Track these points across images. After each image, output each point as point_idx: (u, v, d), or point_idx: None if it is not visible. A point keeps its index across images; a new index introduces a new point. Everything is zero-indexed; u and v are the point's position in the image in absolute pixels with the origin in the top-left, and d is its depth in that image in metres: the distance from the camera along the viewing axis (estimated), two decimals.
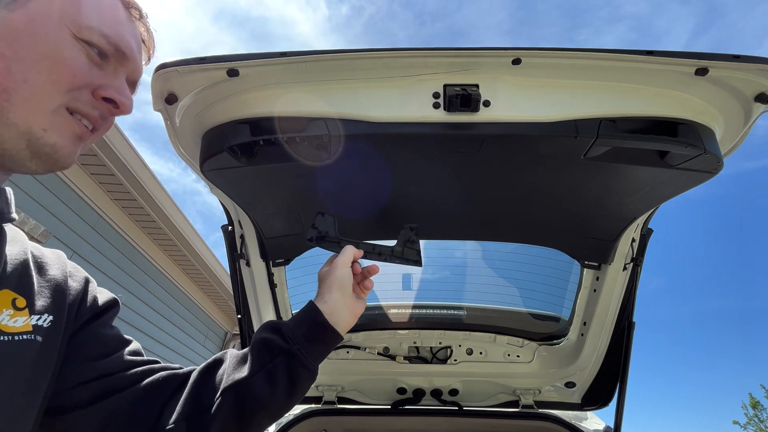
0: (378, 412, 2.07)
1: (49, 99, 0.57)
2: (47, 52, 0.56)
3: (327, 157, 1.09)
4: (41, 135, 0.56)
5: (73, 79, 0.58)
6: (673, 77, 0.98)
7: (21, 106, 0.54)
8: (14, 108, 0.54)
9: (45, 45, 0.56)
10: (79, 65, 0.59)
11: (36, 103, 0.55)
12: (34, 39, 0.55)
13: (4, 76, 0.53)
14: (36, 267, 0.70)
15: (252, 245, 1.58)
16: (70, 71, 0.58)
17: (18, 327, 0.62)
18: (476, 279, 1.93)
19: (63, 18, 0.57)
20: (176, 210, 6.09)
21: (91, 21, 0.60)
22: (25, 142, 0.56)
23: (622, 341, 1.71)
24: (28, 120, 0.55)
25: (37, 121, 0.56)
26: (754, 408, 15.34)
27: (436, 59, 0.98)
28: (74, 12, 0.58)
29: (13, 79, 0.53)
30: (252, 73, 0.98)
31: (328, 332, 0.86)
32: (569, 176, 1.21)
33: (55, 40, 0.56)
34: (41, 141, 0.57)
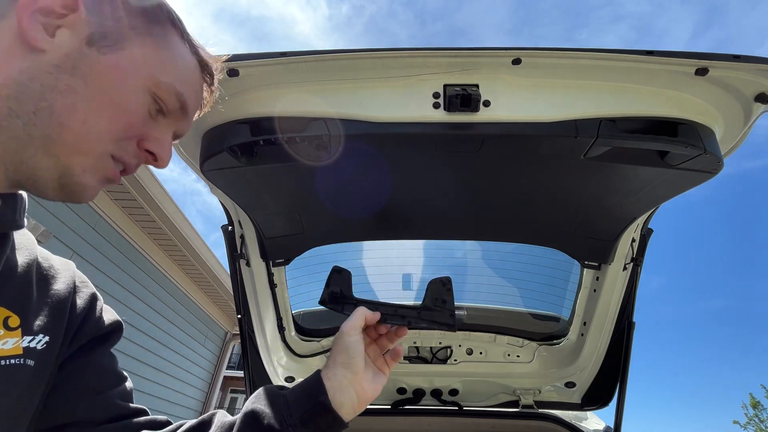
0: (378, 412, 2.07)
1: (98, 145, 0.56)
2: (115, 101, 0.56)
3: (327, 157, 1.09)
4: (77, 174, 0.56)
5: (127, 130, 0.58)
6: (673, 77, 0.98)
7: (70, 144, 0.54)
8: (62, 143, 0.54)
9: (117, 94, 0.56)
10: (139, 118, 0.59)
11: (84, 145, 0.55)
12: (110, 86, 0.55)
13: (66, 110, 0.53)
14: (39, 279, 0.66)
15: (252, 245, 1.58)
16: (128, 122, 0.58)
17: (7, 350, 0.57)
18: (476, 279, 1.93)
19: (145, 72, 0.58)
20: (176, 210, 6.09)
21: (169, 78, 0.60)
22: (58, 174, 0.55)
23: (622, 341, 1.71)
24: (70, 158, 0.55)
25: (79, 162, 0.55)
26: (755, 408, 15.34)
27: (436, 59, 0.98)
28: (157, 67, 0.59)
29: (73, 117, 0.53)
30: (252, 73, 0.98)
31: (328, 416, 0.69)
32: (569, 176, 1.21)
33: (128, 91, 0.57)
34: (74, 179, 0.56)
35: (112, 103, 0.56)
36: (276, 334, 1.88)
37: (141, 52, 0.58)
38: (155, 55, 0.59)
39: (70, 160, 0.54)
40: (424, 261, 1.88)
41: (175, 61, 0.62)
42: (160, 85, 0.59)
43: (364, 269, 1.86)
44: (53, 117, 0.52)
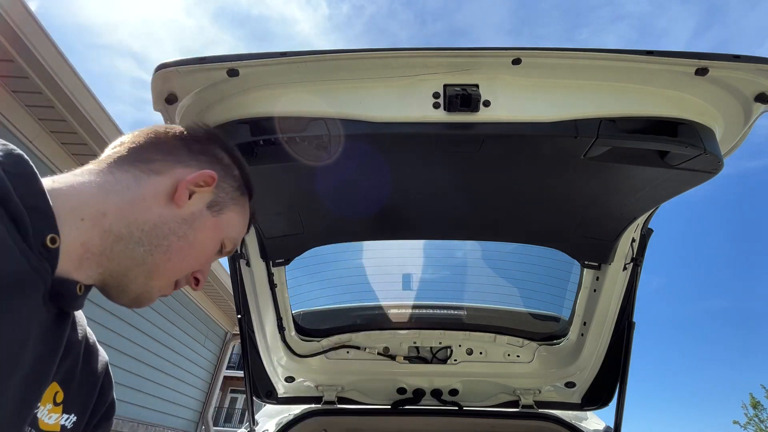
0: (378, 412, 2.07)
1: (178, 274, 0.73)
2: (203, 249, 0.75)
3: (327, 157, 1.09)
4: (151, 292, 0.71)
5: (198, 266, 0.75)
6: (673, 77, 0.98)
7: (165, 274, 0.71)
8: (162, 273, 0.70)
9: (206, 244, 0.75)
10: (209, 259, 0.77)
11: (170, 274, 0.72)
12: (206, 238, 0.74)
13: (176, 251, 0.70)
14: (84, 358, 0.71)
15: (252, 245, 1.58)
16: (202, 262, 0.76)
17: (50, 425, 0.62)
18: (476, 279, 1.94)
19: (226, 230, 0.78)
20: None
21: (237, 234, 0.81)
22: (141, 291, 0.69)
23: (622, 341, 1.71)
24: (153, 281, 0.70)
25: (157, 284, 0.71)
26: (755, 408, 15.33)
27: (436, 59, 0.98)
28: (235, 228, 0.80)
29: (177, 256, 0.70)
30: (252, 73, 0.98)
31: None
32: (569, 176, 1.21)
33: (213, 242, 0.76)
34: (144, 296, 0.70)
35: (201, 249, 0.74)
36: (276, 334, 1.88)
37: (230, 216, 0.78)
38: (236, 218, 0.80)
39: (157, 283, 0.71)
40: (424, 261, 1.88)
41: (243, 221, 0.83)
42: (230, 239, 0.79)
43: (364, 269, 1.86)
44: (166, 254, 0.69)
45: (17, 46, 3.55)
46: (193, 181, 0.72)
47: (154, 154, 0.72)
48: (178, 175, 0.71)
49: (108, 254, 0.64)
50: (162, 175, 0.71)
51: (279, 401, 2.10)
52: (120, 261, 0.65)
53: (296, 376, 2.05)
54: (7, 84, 3.98)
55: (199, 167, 0.74)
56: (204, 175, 0.73)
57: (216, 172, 0.75)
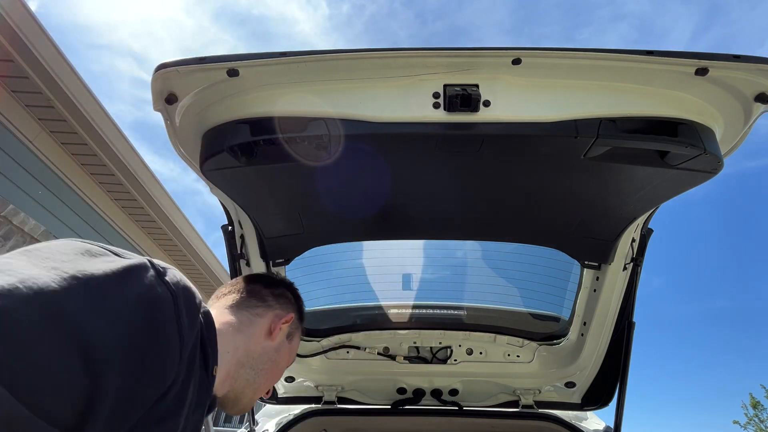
0: (378, 412, 2.07)
1: (264, 391, 1.01)
2: (282, 369, 1.05)
3: (327, 157, 1.09)
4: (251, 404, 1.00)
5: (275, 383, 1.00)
6: (673, 77, 0.98)
7: (261, 390, 0.99)
8: (260, 389, 0.98)
9: (284, 364, 1.05)
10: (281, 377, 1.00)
11: (262, 391, 0.99)
12: (284, 360, 1.04)
13: (269, 372, 0.99)
14: None
15: (252, 245, 1.58)
16: (277, 380, 1.05)
17: None
18: (476, 279, 1.93)
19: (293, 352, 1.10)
20: (176, 210, 6.09)
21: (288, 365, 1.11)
22: (248, 403, 0.97)
23: (622, 341, 1.71)
24: (255, 398, 0.99)
25: (254, 398, 1.00)
26: (755, 408, 15.33)
27: (435, 59, 0.98)
28: (298, 348, 1.13)
29: (270, 376, 1.00)
30: (252, 73, 0.98)
31: None
32: (569, 176, 1.21)
33: (288, 363, 1.08)
34: (248, 407, 0.98)
35: (281, 369, 1.04)
36: None
37: (295, 342, 1.09)
38: (299, 341, 1.11)
39: (244, 406, 0.96)
40: (424, 261, 1.88)
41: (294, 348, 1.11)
42: (286, 364, 1.07)
43: (364, 269, 1.86)
44: (265, 375, 0.96)
45: (17, 46, 3.55)
46: (282, 319, 1.02)
47: (255, 301, 1.00)
48: (272, 317, 1.00)
49: (234, 376, 0.89)
50: (263, 317, 0.99)
51: (279, 401, 2.10)
52: (239, 382, 0.90)
53: (296, 376, 2.05)
54: (7, 84, 3.98)
55: (282, 309, 1.04)
56: (289, 317, 1.04)
57: (293, 312, 1.06)
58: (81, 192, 5.05)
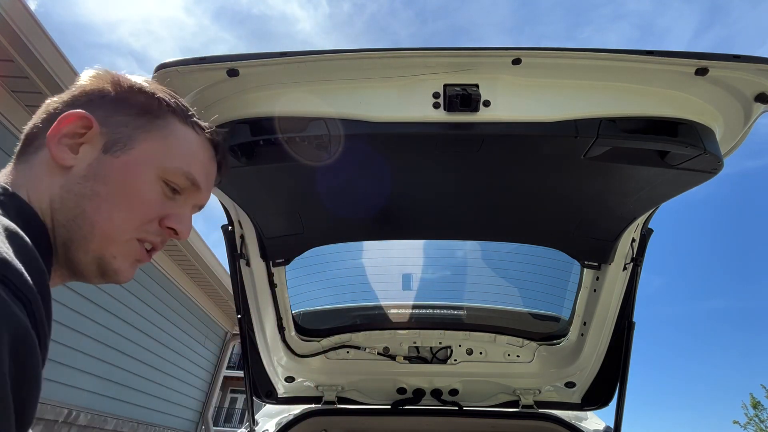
0: (378, 412, 2.07)
1: (124, 233, 0.65)
2: (131, 193, 0.65)
3: (327, 157, 1.09)
4: (110, 261, 0.65)
5: (147, 215, 0.66)
6: (673, 77, 0.98)
7: (100, 238, 0.63)
8: (95, 239, 0.63)
9: (132, 187, 0.65)
10: (155, 202, 0.67)
11: (113, 236, 0.64)
12: (125, 182, 0.65)
13: (94, 212, 0.62)
14: None
15: (252, 245, 1.58)
16: (146, 209, 0.66)
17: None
18: (476, 279, 1.93)
19: (153, 163, 0.67)
20: None
21: (177, 163, 0.68)
22: (95, 264, 0.64)
23: (622, 341, 1.71)
24: (102, 249, 0.63)
25: (110, 250, 0.64)
26: (755, 408, 15.32)
27: (436, 59, 0.98)
28: (165, 157, 0.68)
29: (100, 216, 0.63)
30: (252, 73, 0.98)
31: None
32: (569, 176, 1.21)
33: (142, 182, 0.66)
34: (109, 266, 0.65)
35: (129, 196, 0.65)
36: (276, 334, 1.88)
37: (147, 146, 0.67)
38: (160, 146, 0.68)
39: (101, 251, 0.64)
40: (424, 261, 1.88)
41: (179, 145, 0.70)
42: (167, 170, 0.67)
43: (364, 269, 1.86)
44: (86, 220, 0.62)
45: (17, 46, 3.55)
46: (66, 134, 0.63)
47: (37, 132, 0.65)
48: (48, 139, 0.63)
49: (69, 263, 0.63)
50: (43, 148, 0.63)
51: (279, 401, 2.10)
52: (59, 253, 0.62)
53: (296, 376, 2.05)
54: (7, 84, 3.98)
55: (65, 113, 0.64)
56: (69, 120, 0.63)
57: (92, 110, 0.65)
58: None
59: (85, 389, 5.51)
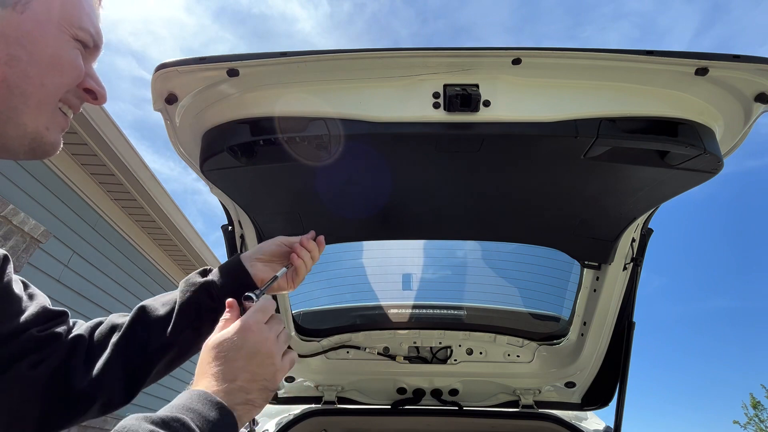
0: (378, 412, 2.07)
1: (54, 99, 0.59)
2: (56, 55, 0.57)
3: (327, 157, 1.08)
4: (44, 134, 0.59)
5: (75, 78, 0.61)
6: (673, 77, 0.97)
7: (34, 108, 0.56)
8: (28, 110, 0.56)
9: (53, 48, 0.57)
10: (77, 63, 0.61)
11: (46, 104, 0.57)
12: (44, 42, 0.56)
13: (21, 79, 0.54)
14: None
15: (252, 245, 1.58)
16: (74, 71, 0.60)
17: None
18: (476, 279, 1.93)
19: (62, 20, 0.59)
20: (176, 210, 6.09)
21: (83, 22, 0.62)
22: (29, 140, 0.58)
23: (622, 341, 1.71)
24: (36, 121, 0.57)
25: (43, 122, 0.58)
26: (755, 408, 15.32)
27: (436, 59, 0.98)
28: (70, 14, 0.60)
29: (30, 83, 0.55)
30: (252, 73, 0.98)
31: None
32: (569, 176, 1.21)
33: (61, 43, 0.58)
34: (43, 140, 0.59)
35: (54, 58, 0.57)
36: None
37: (45, 3, 0.57)
38: (55, 3, 0.59)
39: (35, 124, 0.57)
40: (424, 261, 1.87)
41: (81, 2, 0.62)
42: (77, 31, 0.60)
43: (364, 269, 1.86)
44: (13, 90, 0.54)
45: None
46: None
47: None
48: None
49: None
50: None
51: (279, 401, 2.10)
52: None
53: (296, 376, 2.05)
54: None
55: None
56: None
57: None
58: (81, 192, 5.04)
59: None
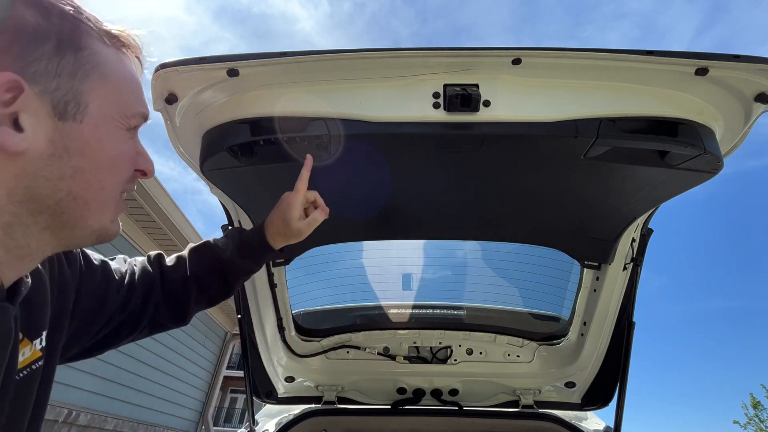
0: (378, 412, 2.07)
1: (116, 192, 0.61)
2: (113, 155, 0.59)
3: (327, 157, 1.09)
4: (109, 228, 0.62)
5: (130, 169, 0.63)
6: (673, 77, 0.97)
7: (98, 210, 0.59)
8: (92, 214, 0.58)
9: (111, 148, 0.58)
10: (133, 154, 0.63)
11: (108, 203, 0.60)
12: (102, 146, 0.57)
13: (84, 188, 0.56)
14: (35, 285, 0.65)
15: None
16: (128, 163, 0.62)
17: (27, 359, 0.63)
18: (476, 279, 1.93)
19: (117, 115, 0.59)
20: (176, 210, 6.09)
21: (134, 108, 0.62)
22: (96, 236, 0.61)
23: (622, 341, 1.71)
24: (101, 220, 0.60)
25: (108, 217, 0.61)
26: (755, 408, 15.31)
27: (436, 59, 0.98)
28: (124, 105, 0.60)
29: (91, 189, 0.57)
30: (252, 73, 0.98)
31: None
32: (569, 176, 1.21)
33: (118, 140, 0.60)
34: (108, 232, 0.62)
35: (111, 159, 0.58)
36: (276, 334, 1.88)
37: (98, 96, 0.56)
38: (109, 92, 0.58)
39: (101, 223, 0.60)
40: (424, 261, 1.88)
41: (120, 81, 0.60)
42: (129, 119, 0.61)
43: (364, 269, 1.86)
44: (77, 200, 0.55)
45: None
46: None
47: None
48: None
49: None
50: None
51: (279, 401, 2.10)
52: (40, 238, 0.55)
53: (296, 376, 2.05)
54: None
55: None
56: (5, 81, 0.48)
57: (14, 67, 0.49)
58: None
59: (85, 389, 5.51)
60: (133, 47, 0.64)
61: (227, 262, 1.00)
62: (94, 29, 0.58)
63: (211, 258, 1.00)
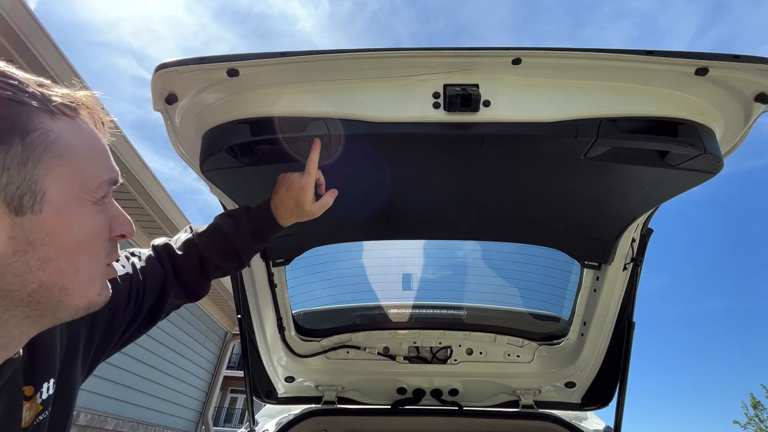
0: (378, 412, 2.07)
1: (97, 269, 0.60)
2: (82, 236, 0.56)
3: (327, 157, 1.09)
4: (96, 300, 0.60)
5: (104, 242, 0.60)
6: (673, 77, 0.97)
7: (79, 291, 0.57)
8: (72, 297, 0.56)
9: (79, 230, 0.55)
10: (104, 227, 0.60)
11: (90, 281, 0.58)
12: (69, 229, 0.54)
13: (57, 276, 0.54)
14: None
15: None
16: (102, 238, 0.59)
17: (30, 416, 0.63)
18: (476, 279, 1.93)
19: (80, 193, 0.55)
20: (176, 210, 6.09)
21: (98, 178, 0.58)
22: (83, 311, 0.59)
23: (622, 341, 1.71)
24: (86, 296, 0.58)
25: (94, 291, 0.60)
26: (755, 408, 15.32)
27: (436, 59, 0.98)
28: (86, 179, 0.56)
29: (66, 275, 0.55)
30: (252, 73, 0.98)
31: None
32: (569, 176, 1.21)
33: (84, 218, 0.56)
34: (97, 304, 0.61)
35: (81, 239, 0.56)
36: (276, 334, 1.88)
37: (55, 178, 0.53)
38: (66, 171, 0.54)
39: (86, 298, 0.58)
40: (424, 261, 1.88)
41: (76, 154, 0.55)
42: (94, 192, 0.57)
43: (364, 269, 1.86)
44: (52, 288, 0.54)
45: (17, 46, 3.55)
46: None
47: None
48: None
49: None
50: None
51: (279, 401, 2.10)
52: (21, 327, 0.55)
53: (296, 376, 2.05)
54: None
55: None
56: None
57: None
58: None
59: (85, 389, 5.51)
60: (87, 107, 0.60)
61: (241, 245, 1.04)
62: (39, 105, 0.53)
63: (224, 243, 1.03)
